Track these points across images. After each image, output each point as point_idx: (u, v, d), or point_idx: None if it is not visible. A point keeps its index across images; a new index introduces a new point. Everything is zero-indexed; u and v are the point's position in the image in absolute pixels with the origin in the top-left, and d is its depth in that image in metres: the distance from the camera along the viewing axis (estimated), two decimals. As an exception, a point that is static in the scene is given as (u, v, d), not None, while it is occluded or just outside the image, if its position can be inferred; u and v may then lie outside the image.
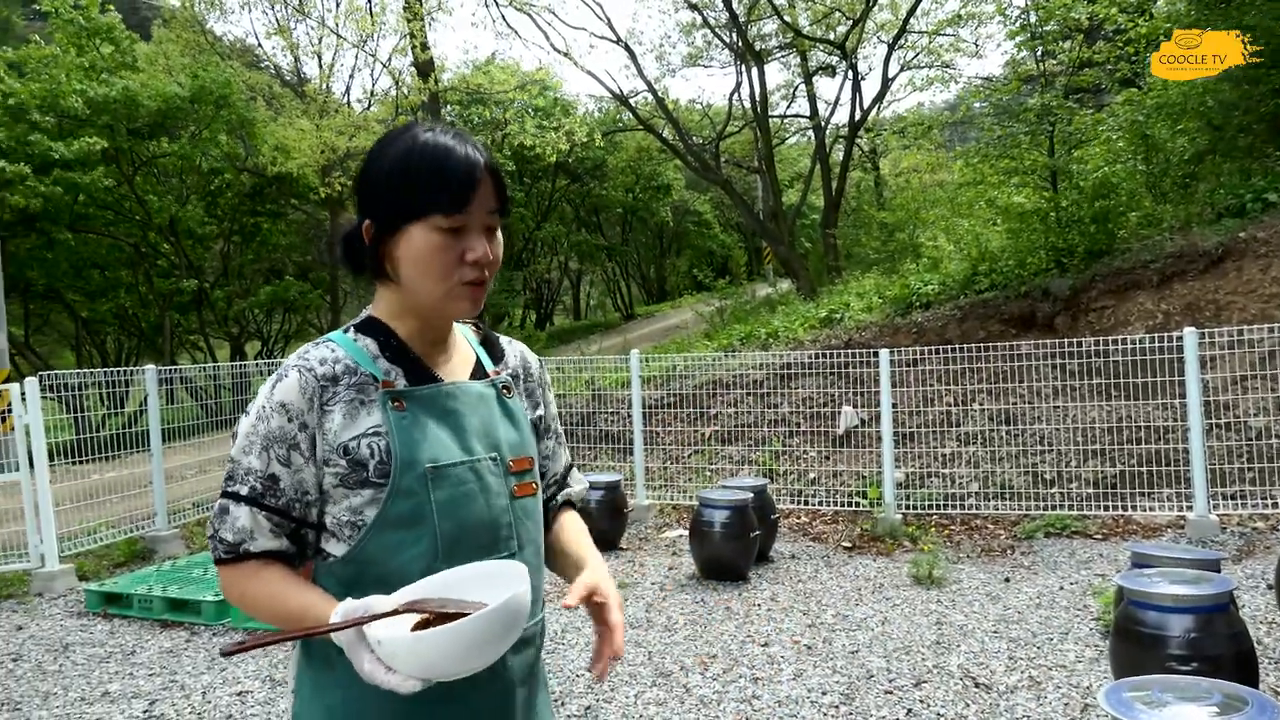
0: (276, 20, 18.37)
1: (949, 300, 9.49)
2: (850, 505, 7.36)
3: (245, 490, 1.31)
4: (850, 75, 18.58)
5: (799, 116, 22.62)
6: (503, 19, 34.90)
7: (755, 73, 18.02)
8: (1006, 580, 5.61)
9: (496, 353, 1.53)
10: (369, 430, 1.31)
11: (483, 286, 1.36)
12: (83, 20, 14.94)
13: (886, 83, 19.07)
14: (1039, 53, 10.60)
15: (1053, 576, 5.63)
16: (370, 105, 20.03)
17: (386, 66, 17.77)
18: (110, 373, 7.77)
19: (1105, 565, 5.76)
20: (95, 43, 15.13)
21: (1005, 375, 7.40)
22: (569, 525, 1.59)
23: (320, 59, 19.01)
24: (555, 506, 1.61)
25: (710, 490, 6.26)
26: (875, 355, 7.33)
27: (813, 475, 7.87)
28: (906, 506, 7.14)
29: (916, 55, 19.86)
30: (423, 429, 1.33)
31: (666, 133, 18.88)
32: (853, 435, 7.92)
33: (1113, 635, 3.66)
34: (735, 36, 18.01)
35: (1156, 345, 6.69)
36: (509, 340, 1.59)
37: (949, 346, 7.47)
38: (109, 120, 14.25)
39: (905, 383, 7.91)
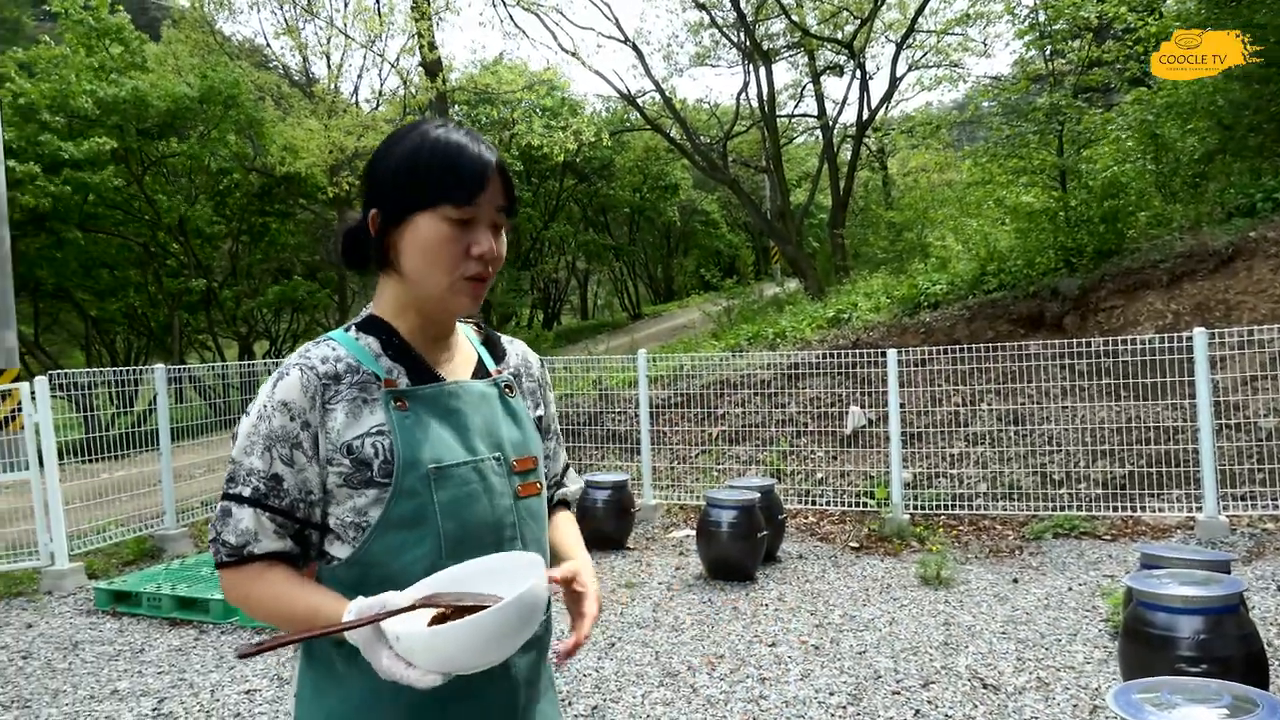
0: (285, 20, 18.41)
1: (957, 300, 9.47)
2: (858, 505, 7.34)
3: (248, 491, 1.29)
4: (858, 74, 18.57)
5: (807, 116, 22.64)
6: (510, 19, 35.03)
7: (763, 72, 18.00)
8: (1015, 581, 5.59)
9: (498, 352, 1.53)
10: (372, 429, 1.30)
11: (484, 283, 1.36)
12: (92, 21, 15.03)
13: (894, 82, 19.05)
14: (1048, 52, 10.57)
15: (1061, 577, 5.61)
16: (378, 105, 20.08)
17: (394, 66, 17.78)
18: (119, 372, 7.81)
19: (1114, 566, 5.74)
20: (105, 43, 15.22)
21: (1014, 375, 7.38)
22: (562, 525, 1.59)
23: (328, 59, 19.05)
24: (551, 506, 1.60)
25: (717, 490, 6.25)
26: (883, 355, 7.31)
27: (820, 475, 7.85)
28: (914, 507, 7.12)
29: (925, 54, 19.82)
30: (425, 429, 1.32)
31: (674, 132, 18.89)
32: (860, 435, 7.91)
33: (1122, 636, 3.64)
34: (743, 36, 18.00)
35: (1166, 345, 6.66)
36: (510, 339, 1.59)
37: (957, 346, 7.44)
38: (118, 120, 14.32)
39: (913, 383, 7.89)
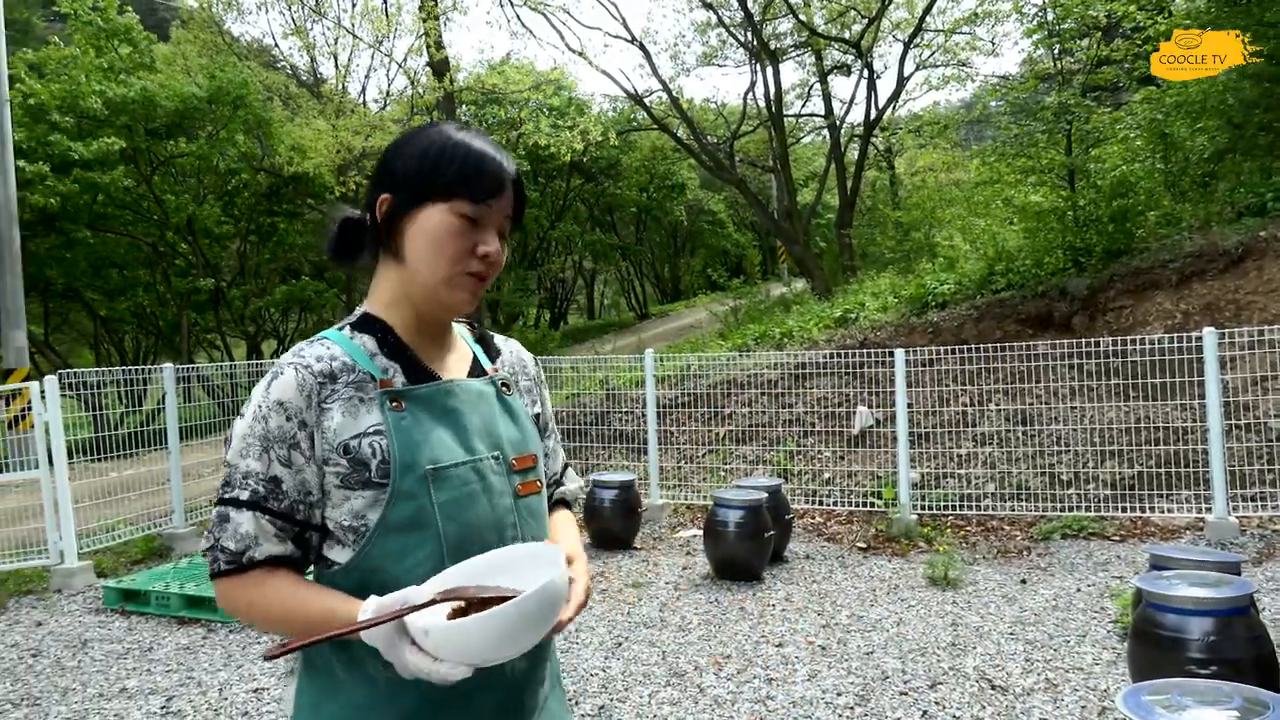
0: (293, 21, 18.46)
1: (965, 300, 9.44)
2: (865, 506, 7.33)
3: (246, 495, 1.26)
4: (865, 74, 18.51)
5: (814, 115, 22.58)
6: (518, 19, 35.02)
7: (770, 72, 17.98)
8: (1023, 582, 5.57)
9: (492, 350, 1.53)
10: (370, 429, 1.28)
11: (483, 283, 1.36)
12: (101, 21, 15.08)
13: (902, 81, 19.01)
14: (1056, 51, 10.53)
15: (1070, 578, 5.59)
16: (386, 105, 20.11)
17: (402, 66, 17.84)
18: (128, 371, 7.84)
19: (1123, 567, 5.72)
20: (114, 44, 15.27)
21: (1022, 375, 7.35)
22: (560, 524, 1.58)
23: (336, 59, 19.11)
24: (550, 505, 1.60)
25: (724, 490, 6.25)
26: (890, 355, 7.29)
27: (827, 475, 7.84)
28: (922, 507, 7.11)
29: (932, 54, 19.76)
30: (423, 429, 1.31)
31: (681, 132, 18.87)
32: (868, 435, 7.89)
33: (1131, 638, 3.63)
34: (750, 35, 17.97)
35: (1175, 345, 6.63)
36: (504, 339, 1.59)
37: (965, 346, 7.42)
38: (127, 120, 14.37)
39: (921, 383, 7.87)
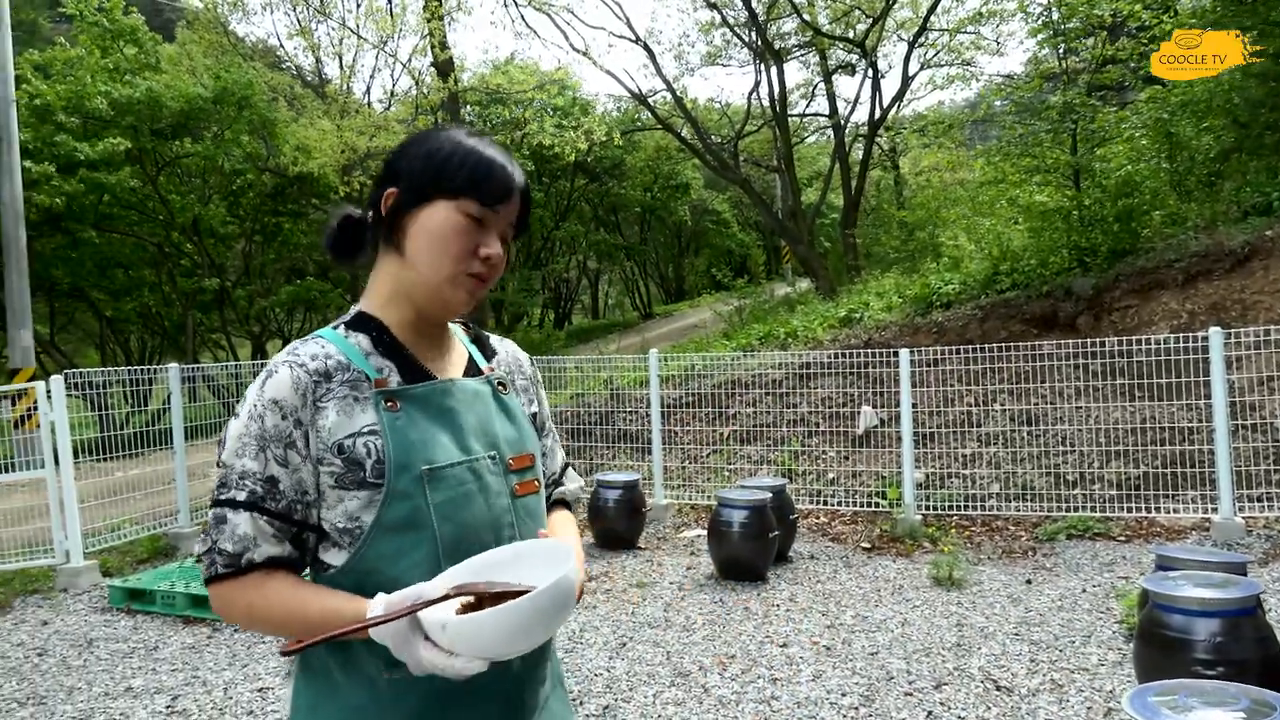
0: (298, 21, 18.46)
1: (970, 300, 9.43)
2: (870, 506, 7.32)
3: (243, 495, 1.24)
4: (870, 73, 18.49)
5: (818, 115, 22.55)
6: (522, 19, 34.97)
7: (774, 71, 17.96)
8: (1028, 582, 5.56)
9: (488, 350, 1.52)
10: (365, 428, 1.27)
11: (483, 285, 1.35)
12: (107, 22, 15.12)
13: (906, 81, 18.96)
14: (1061, 50, 10.52)
15: (1075, 579, 5.57)
16: (390, 105, 20.11)
17: (406, 67, 17.81)
18: (134, 371, 7.85)
19: (1129, 568, 5.70)
20: (119, 44, 15.31)
21: (1027, 375, 7.34)
22: (559, 524, 1.57)
23: (341, 60, 19.11)
24: (549, 504, 1.59)
25: (729, 490, 6.24)
26: (895, 355, 7.28)
27: (832, 475, 7.83)
28: (926, 507, 7.10)
29: (937, 53, 19.72)
30: (418, 429, 1.30)
31: (685, 132, 18.86)
32: (872, 435, 7.88)
33: (1137, 639, 3.62)
34: (754, 35, 17.96)
35: (1181, 345, 6.61)
36: (499, 339, 1.58)
37: (970, 346, 7.41)
38: (133, 121, 14.40)
39: (925, 383, 7.86)
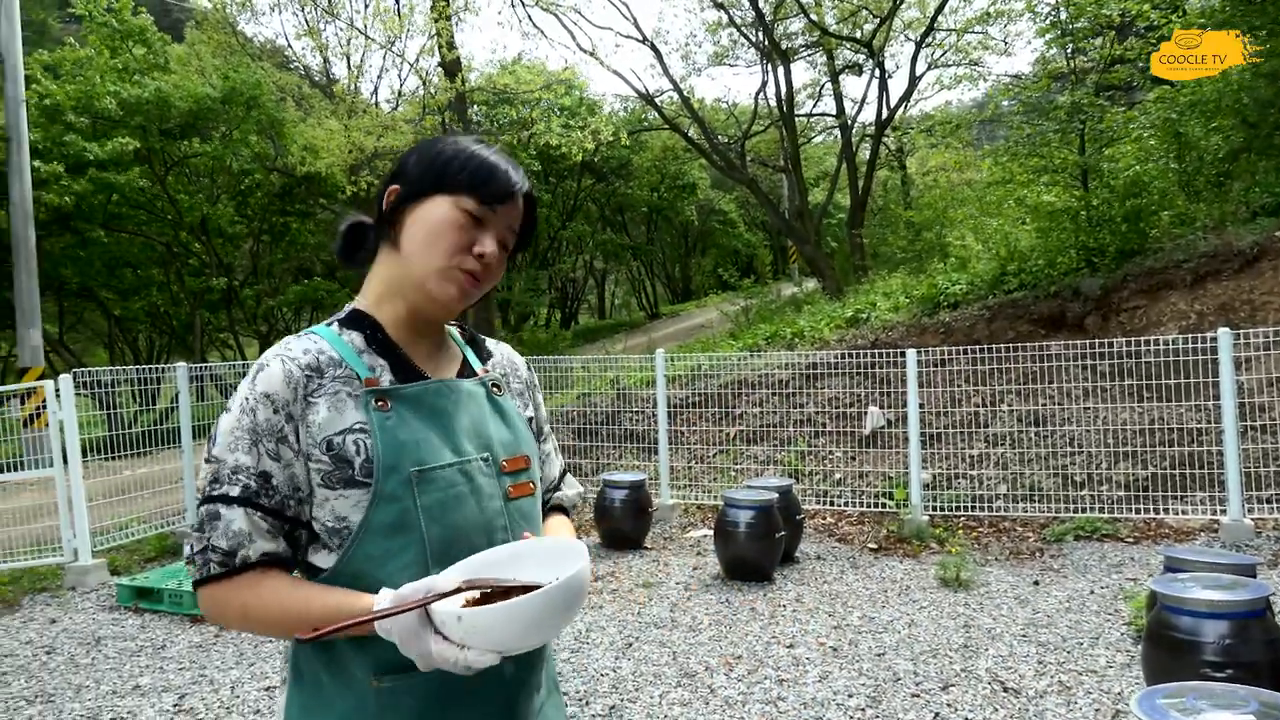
0: (306, 22, 18.55)
1: (977, 300, 9.40)
2: (876, 506, 7.31)
3: (237, 490, 1.21)
4: (877, 73, 18.49)
5: (825, 115, 22.54)
6: (529, 19, 35.09)
7: (781, 71, 17.96)
8: (1036, 583, 5.54)
9: (483, 353, 1.51)
10: (355, 426, 1.25)
11: (476, 284, 1.34)
12: (116, 23, 15.19)
13: (914, 81, 18.94)
14: (1069, 50, 10.47)
15: (1083, 580, 5.56)
16: (398, 105, 20.16)
17: (414, 67, 17.85)
18: (142, 370, 7.88)
19: (1137, 569, 5.68)
20: (128, 45, 15.37)
21: (1034, 376, 7.32)
22: (556, 529, 1.55)
23: (349, 60, 19.20)
24: (547, 509, 1.57)
25: (735, 490, 6.23)
26: (902, 355, 7.27)
27: (838, 476, 7.82)
28: (933, 508, 7.08)
29: (944, 53, 19.71)
30: (408, 429, 1.28)
31: (692, 132, 18.86)
32: (879, 436, 7.87)
33: (1145, 640, 3.60)
34: (761, 35, 17.94)
35: (1190, 346, 6.58)
36: (495, 342, 1.57)
37: (977, 346, 7.39)
38: (141, 121, 14.46)
39: (932, 383, 7.84)
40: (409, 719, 1.26)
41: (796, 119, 19.28)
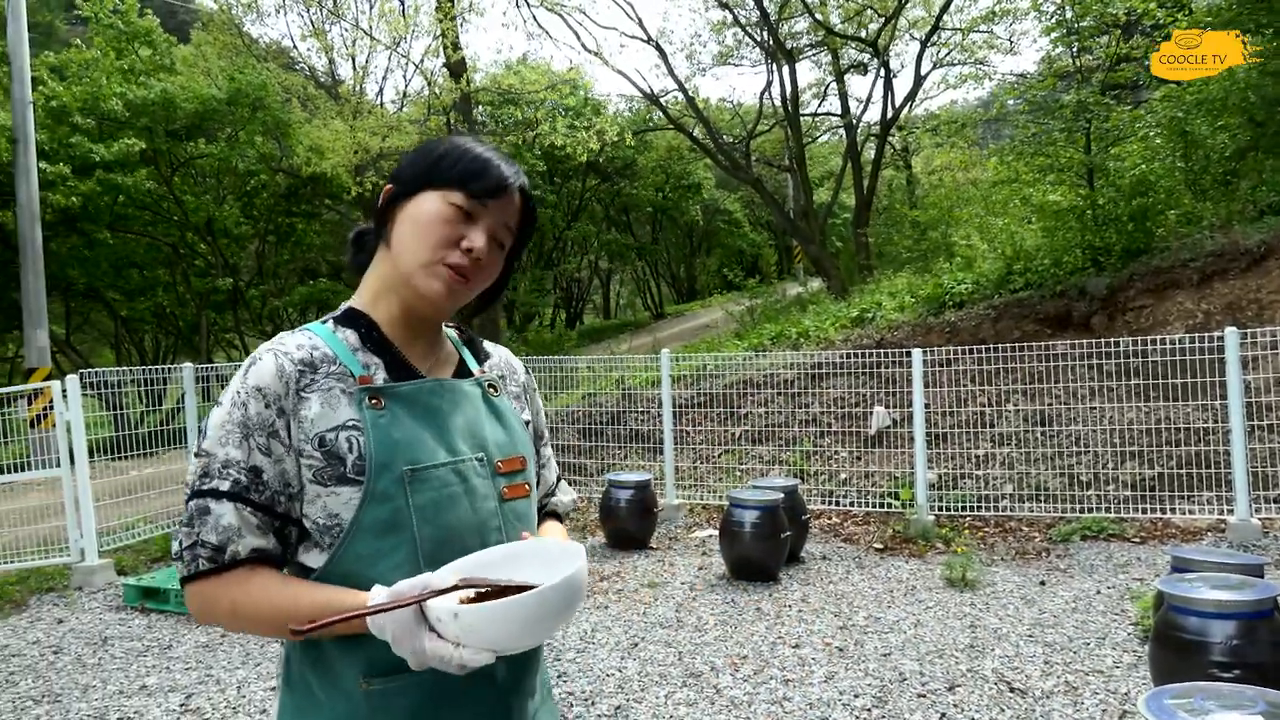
0: (311, 23, 18.57)
1: (983, 299, 9.39)
2: (882, 506, 7.30)
3: (227, 485, 1.19)
4: (882, 73, 18.44)
5: (830, 114, 22.50)
6: (534, 19, 35.10)
7: (786, 71, 17.94)
8: (1042, 583, 5.53)
9: (481, 354, 1.50)
10: (348, 423, 1.24)
11: (465, 281, 1.31)
12: (122, 24, 15.25)
13: (919, 80, 18.93)
14: (1075, 48, 10.45)
15: (1089, 580, 5.54)
16: (403, 106, 20.20)
17: (419, 67, 17.90)
18: (148, 370, 7.91)
19: (1143, 569, 5.66)
20: (134, 46, 15.44)
21: (1040, 375, 7.30)
22: (550, 534, 1.53)
23: (354, 61, 19.21)
24: (541, 514, 1.56)
25: (740, 490, 6.23)
26: (908, 355, 7.26)
27: (844, 476, 7.81)
28: (939, 508, 7.07)
29: (950, 52, 19.67)
30: (402, 428, 1.26)
31: (697, 132, 18.85)
32: (885, 436, 7.85)
33: (1152, 641, 3.59)
34: (766, 35, 17.93)
35: (1196, 345, 6.56)
36: (493, 345, 1.56)
37: (983, 346, 7.38)
38: (148, 122, 14.52)
39: (938, 383, 7.83)
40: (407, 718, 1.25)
41: (801, 118, 19.27)
